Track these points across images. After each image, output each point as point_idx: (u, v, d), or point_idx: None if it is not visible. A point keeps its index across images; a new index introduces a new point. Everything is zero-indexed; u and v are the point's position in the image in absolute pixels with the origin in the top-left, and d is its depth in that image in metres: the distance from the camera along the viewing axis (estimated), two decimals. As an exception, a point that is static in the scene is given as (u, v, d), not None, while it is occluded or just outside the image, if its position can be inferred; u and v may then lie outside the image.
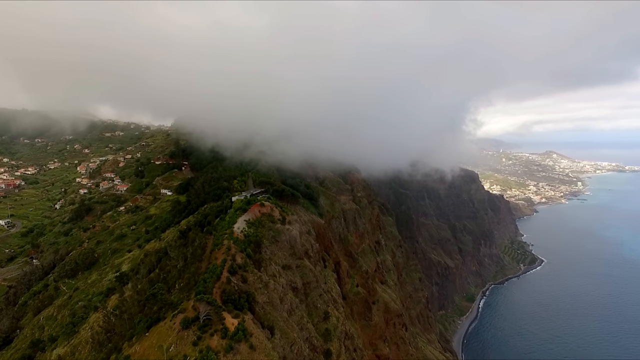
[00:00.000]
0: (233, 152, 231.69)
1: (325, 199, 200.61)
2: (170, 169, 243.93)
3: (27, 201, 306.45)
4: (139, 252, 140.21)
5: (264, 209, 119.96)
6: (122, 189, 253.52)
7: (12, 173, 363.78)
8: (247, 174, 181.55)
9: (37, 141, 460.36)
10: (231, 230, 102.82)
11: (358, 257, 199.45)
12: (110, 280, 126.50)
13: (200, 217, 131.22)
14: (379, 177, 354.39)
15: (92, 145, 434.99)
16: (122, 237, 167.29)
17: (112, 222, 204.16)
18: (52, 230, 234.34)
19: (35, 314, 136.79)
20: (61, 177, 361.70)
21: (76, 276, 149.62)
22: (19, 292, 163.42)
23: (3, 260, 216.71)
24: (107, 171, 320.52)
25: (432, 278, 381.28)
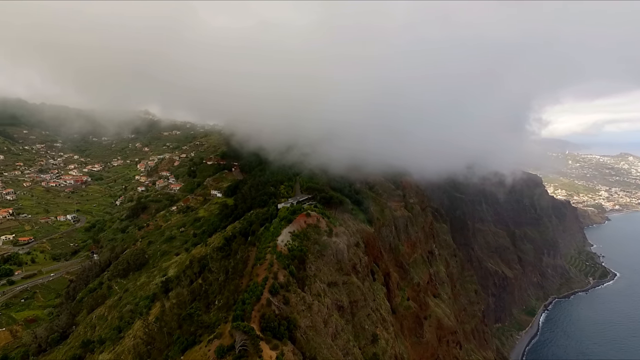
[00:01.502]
0: (277, 154, 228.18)
1: (375, 206, 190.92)
2: (221, 170, 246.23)
3: (91, 197, 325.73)
4: (186, 256, 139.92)
5: (310, 220, 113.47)
6: (176, 189, 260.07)
7: (81, 169, 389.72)
8: (294, 179, 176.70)
9: (104, 139, 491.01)
10: (275, 243, 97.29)
11: (409, 268, 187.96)
12: (157, 284, 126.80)
13: (246, 225, 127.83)
14: (432, 180, 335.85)
15: (151, 143, 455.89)
16: (172, 239, 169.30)
17: (164, 221, 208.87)
18: (111, 227, 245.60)
19: (89, 311, 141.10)
20: (123, 174, 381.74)
21: (127, 276, 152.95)
22: (77, 287, 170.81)
23: (68, 253, 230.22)
24: (163, 169, 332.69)
25: (489, 288, 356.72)
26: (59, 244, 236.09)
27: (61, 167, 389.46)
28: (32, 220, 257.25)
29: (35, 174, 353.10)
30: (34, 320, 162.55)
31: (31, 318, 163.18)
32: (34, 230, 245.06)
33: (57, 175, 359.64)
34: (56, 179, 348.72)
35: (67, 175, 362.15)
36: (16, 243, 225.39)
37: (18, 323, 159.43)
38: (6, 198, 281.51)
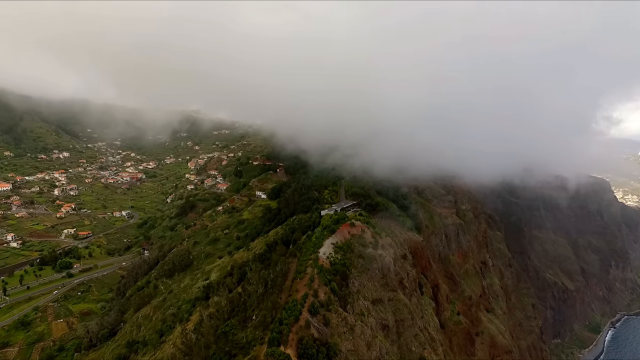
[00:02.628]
0: (319, 156, 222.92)
1: (423, 212, 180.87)
2: (266, 171, 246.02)
3: (145, 194, 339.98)
4: (228, 260, 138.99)
5: (354, 230, 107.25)
6: (222, 188, 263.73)
7: (137, 167, 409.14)
8: (339, 183, 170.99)
9: (158, 137, 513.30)
10: (316, 256, 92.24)
11: (460, 279, 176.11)
12: (199, 288, 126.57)
13: (288, 231, 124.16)
14: (485, 183, 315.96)
15: (201, 142, 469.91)
16: (216, 240, 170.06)
17: (210, 221, 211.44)
18: (161, 224, 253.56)
19: (136, 310, 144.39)
20: (174, 171, 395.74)
21: (172, 277, 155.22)
22: (127, 284, 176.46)
23: (121, 248, 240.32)
24: (211, 168, 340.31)
25: (546, 301, 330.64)
26: (114, 239, 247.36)
27: (119, 164, 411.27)
28: (91, 215, 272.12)
29: (96, 170, 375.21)
30: (88, 313, 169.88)
31: (86, 311, 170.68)
32: (92, 225, 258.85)
33: (115, 172, 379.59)
34: (114, 175, 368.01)
35: (124, 172, 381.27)
36: (76, 237, 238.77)
37: (74, 315, 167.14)
38: (70, 193, 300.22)
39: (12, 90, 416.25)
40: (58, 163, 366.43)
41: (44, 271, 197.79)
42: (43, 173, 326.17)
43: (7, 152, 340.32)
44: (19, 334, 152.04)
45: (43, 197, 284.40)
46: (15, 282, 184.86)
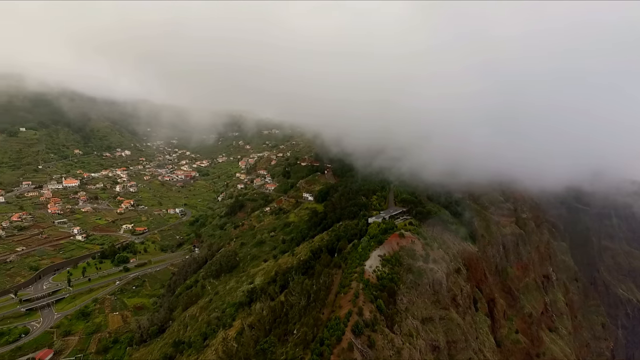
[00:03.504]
0: (366, 159, 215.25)
1: (479, 220, 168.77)
2: (314, 172, 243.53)
3: (198, 192, 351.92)
4: (273, 264, 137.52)
5: (403, 242, 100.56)
6: (270, 188, 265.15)
7: (191, 165, 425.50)
8: (387, 188, 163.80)
9: (212, 136, 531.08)
10: (362, 269, 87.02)
11: (519, 294, 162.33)
12: (243, 292, 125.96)
13: (333, 238, 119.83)
14: (548, 188, 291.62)
15: (252, 141, 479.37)
16: (261, 243, 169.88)
17: (257, 222, 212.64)
18: (211, 223, 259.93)
19: (184, 309, 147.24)
20: (226, 170, 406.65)
21: (219, 277, 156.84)
22: (177, 281, 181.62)
23: (174, 245, 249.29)
24: (261, 168, 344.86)
25: (619, 320, 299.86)
26: (167, 236, 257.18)
27: (175, 163, 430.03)
28: (147, 211, 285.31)
29: (153, 168, 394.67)
30: (141, 307, 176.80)
31: (139, 305, 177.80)
32: (148, 221, 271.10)
33: (171, 170, 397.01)
34: (170, 173, 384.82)
35: (179, 170, 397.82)
36: (133, 232, 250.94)
37: (129, 309, 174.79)
38: (129, 190, 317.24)
39: (82, 92, 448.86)
40: (120, 161, 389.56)
41: (104, 264, 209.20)
42: (107, 170, 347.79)
43: (77, 150, 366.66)
44: (80, 324, 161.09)
45: (106, 193, 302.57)
46: (78, 273, 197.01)
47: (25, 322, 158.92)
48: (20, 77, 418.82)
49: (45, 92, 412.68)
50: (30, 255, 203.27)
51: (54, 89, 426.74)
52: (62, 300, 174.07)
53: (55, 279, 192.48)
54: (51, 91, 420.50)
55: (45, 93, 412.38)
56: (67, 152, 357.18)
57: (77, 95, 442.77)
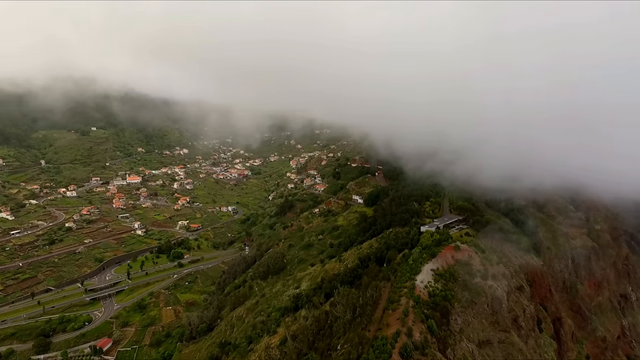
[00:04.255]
0: (415, 161, 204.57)
1: (545, 231, 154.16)
2: (364, 174, 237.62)
3: (250, 190, 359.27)
4: (319, 269, 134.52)
5: (459, 255, 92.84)
6: (320, 189, 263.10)
7: (244, 164, 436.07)
8: (442, 194, 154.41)
9: (265, 135, 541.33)
10: (412, 284, 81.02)
11: (591, 315, 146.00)
12: (289, 296, 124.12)
13: (382, 246, 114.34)
14: (628, 195, 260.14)
15: (303, 141, 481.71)
16: (309, 246, 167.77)
17: (306, 223, 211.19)
18: (261, 222, 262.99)
19: (232, 308, 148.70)
20: (277, 169, 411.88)
21: (266, 279, 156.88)
22: (227, 280, 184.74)
23: (225, 243, 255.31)
24: (311, 168, 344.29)
25: None
26: (220, 234, 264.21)
27: (229, 161, 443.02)
28: (202, 209, 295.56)
29: (209, 166, 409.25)
30: (192, 303, 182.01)
31: (191, 301, 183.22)
32: (202, 218, 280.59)
33: (225, 169, 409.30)
34: (224, 171, 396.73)
35: (233, 168, 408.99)
36: (188, 229, 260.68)
37: (181, 304, 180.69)
38: (186, 187, 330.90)
39: (145, 93, 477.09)
40: (179, 159, 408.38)
41: (160, 259, 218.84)
42: (166, 168, 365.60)
43: (140, 149, 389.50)
44: (136, 316, 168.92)
45: (165, 189, 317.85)
46: (137, 266, 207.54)
47: (89, 310, 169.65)
48: (90, 80, 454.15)
49: (112, 94, 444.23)
50: (96, 248, 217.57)
51: (120, 91, 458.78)
52: (121, 292, 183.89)
53: (117, 271, 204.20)
54: (117, 93, 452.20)
55: (112, 95, 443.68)
56: (132, 150, 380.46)
57: (140, 96, 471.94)
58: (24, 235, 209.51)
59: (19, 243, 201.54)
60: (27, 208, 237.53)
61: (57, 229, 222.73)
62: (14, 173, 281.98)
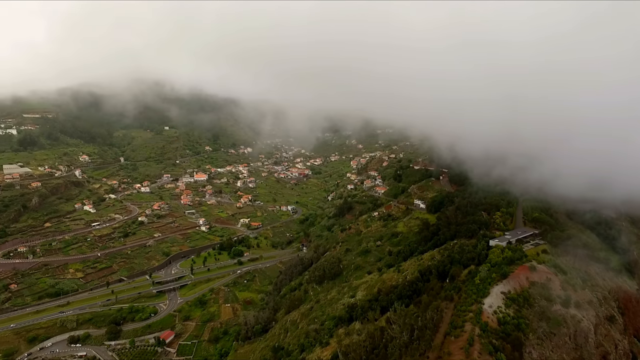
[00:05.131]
0: (483, 166, 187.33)
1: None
2: (428, 177, 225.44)
3: (309, 190, 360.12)
4: (377, 279, 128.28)
5: (535, 276, 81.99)
6: (380, 192, 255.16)
7: (305, 163, 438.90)
8: (514, 204, 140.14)
9: (327, 135, 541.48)
10: (479, 307, 72.46)
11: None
12: (344, 305, 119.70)
13: (445, 259, 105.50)
14: None
15: (365, 141, 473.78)
16: (367, 252, 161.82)
17: (364, 227, 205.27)
18: (320, 223, 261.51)
19: (287, 311, 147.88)
20: (337, 169, 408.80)
21: (322, 284, 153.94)
22: (283, 281, 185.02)
23: (284, 242, 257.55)
24: (372, 169, 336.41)
25: None
26: (279, 233, 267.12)
27: (290, 160, 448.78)
28: (262, 207, 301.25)
29: (271, 165, 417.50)
30: (250, 302, 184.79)
31: (248, 300, 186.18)
32: (263, 216, 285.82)
33: (287, 168, 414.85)
34: (285, 170, 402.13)
35: (293, 167, 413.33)
36: (249, 227, 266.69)
37: (239, 302, 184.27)
38: (249, 186, 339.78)
39: (213, 94, 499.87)
40: (243, 157, 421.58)
41: (222, 256, 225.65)
42: (231, 166, 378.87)
43: (207, 147, 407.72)
44: (197, 311, 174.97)
45: (229, 187, 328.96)
46: (200, 262, 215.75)
47: (155, 302, 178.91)
48: (162, 83, 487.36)
49: (182, 95, 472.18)
50: (164, 242, 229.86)
51: (189, 92, 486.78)
52: (185, 287, 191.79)
53: (182, 265, 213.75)
54: (187, 94, 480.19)
55: (182, 96, 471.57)
56: (200, 148, 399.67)
57: (208, 97, 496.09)
58: (103, 227, 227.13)
59: (99, 234, 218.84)
60: (107, 202, 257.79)
61: (131, 222, 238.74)
62: (98, 169, 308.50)
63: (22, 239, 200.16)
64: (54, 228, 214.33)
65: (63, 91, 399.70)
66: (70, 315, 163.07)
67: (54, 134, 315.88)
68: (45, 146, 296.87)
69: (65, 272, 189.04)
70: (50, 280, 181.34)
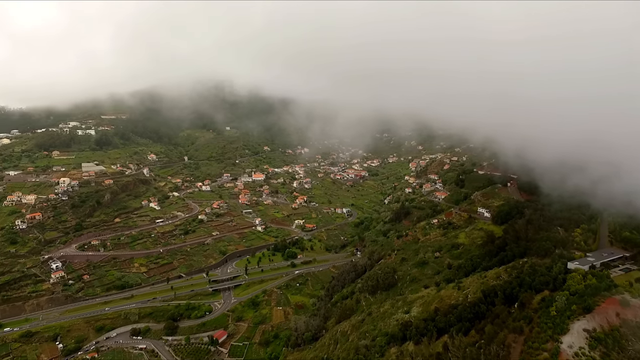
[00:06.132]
0: (555, 174, 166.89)
1: None
2: (493, 183, 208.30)
3: (365, 192, 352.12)
4: (434, 295, 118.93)
5: (629, 313, 69.19)
6: (440, 197, 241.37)
7: (362, 164, 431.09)
8: (597, 220, 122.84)
9: (384, 136, 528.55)
10: (556, 347, 62.26)
11: None
12: (397, 321, 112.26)
13: (513, 281, 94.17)
14: None
15: (425, 142, 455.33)
16: (424, 264, 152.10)
17: (422, 234, 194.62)
18: (375, 227, 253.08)
19: (337, 321, 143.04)
20: (395, 171, 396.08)
21: (375, 294, 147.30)
22: (335, 287, 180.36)
23: (338, 246, 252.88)
24: (432, 172, 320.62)
25: None
26: (333, 236, 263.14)
27: (347, 161, 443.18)
28: (317, 209, 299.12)
29: (327, 166, 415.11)
30: (302, 306, 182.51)
31: (300, 304, 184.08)
32: (317, 218, 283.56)
33: (343, 169, 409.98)
34: (341, 172, 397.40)
35: (350, 169, 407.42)
36: (303, 228, 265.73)
37: (290, 305, 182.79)
38: (304, 186, 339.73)
39: (271, 95, 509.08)
40: (300, 158, 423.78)
41: (276, 257, 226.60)
42: (287, 166, 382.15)
43: (266, 147, 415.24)
44: (250, 312, 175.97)
45: (285, 187, 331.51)
46: (254, 262, 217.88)
47: (210, 301, 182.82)
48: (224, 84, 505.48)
49: (242, 97, 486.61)
50: (221, 240, 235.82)
51: (248, 94, 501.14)
52: (239, 287, 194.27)
53: (237, 265, 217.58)
54: (246, 96, 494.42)
55: (242, 97, 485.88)
56: (258, 148, 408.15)
57: (266, 98, 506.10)
58: (166, 224, 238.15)
59: (162, 231, 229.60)
60: (170, 200, 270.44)
61: (192, 220, 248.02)
62: (164, 167, 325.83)
63: (95, 232, 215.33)
64: (123, 223, 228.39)
65: (135, 94, 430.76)
66: (133, 308, 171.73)
67: (126, 134, 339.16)
68: (118, 145, 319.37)
69: (130, 266, 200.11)
70: (118, 273, 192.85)
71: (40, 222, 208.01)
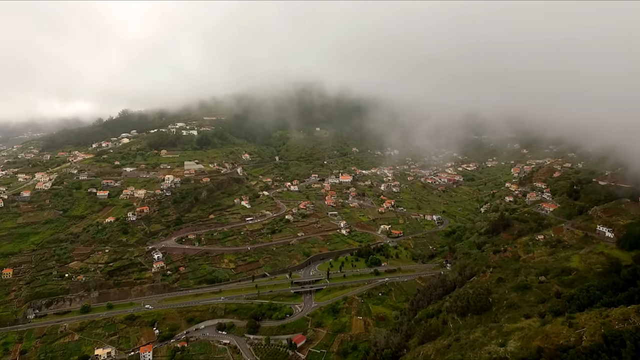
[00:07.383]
0: None
1: None
2: (618, 197, 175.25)
3: (459, 198, 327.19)
4: (536, 329, 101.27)
5: None
6: (548, 209, 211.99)
7: (456, 168, 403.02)
8: None
9: (484, 137, 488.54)
10: None
11: None
12: (490, 354, 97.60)
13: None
14: None
15: (531, 145, 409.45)
16: (525, 288, 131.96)
17: (524, 251, 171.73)
18: (469, 238, 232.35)
19: (420, 341, 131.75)
20: (494, 177, 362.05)
21: (465, 317, 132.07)
22: (420, 302, 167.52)
23: (425, 256, 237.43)
24: (538, 179, 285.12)
25: None
26: (420, 244, 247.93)
27: (440, 164, 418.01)
28: (405, 214, 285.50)
29: (418, 169, 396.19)
30: (383, 318, 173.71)
31: (381, 315, 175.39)
32: (404, 224, 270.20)
33: (435, 172, 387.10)
34: (433, 175, 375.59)
35: (443, 172, 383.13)
36: (389, 234, 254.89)
37: (371, 316, 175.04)
38: (392, 190, 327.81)
39: (361, 96, 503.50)
40: (389, 159, 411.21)
41: (359, 262, 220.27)
42: (376, 168, 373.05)
43: (354, 149, 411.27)
44: (329, 319, 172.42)
45: (372, 190, 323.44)
46: (337, 267, 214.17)
47: (291, 303, 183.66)
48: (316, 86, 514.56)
49: (331, 98, 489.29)
50: (306, 242, 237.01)
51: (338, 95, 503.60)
52: (319, 291, 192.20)
53: (320, 268, 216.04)
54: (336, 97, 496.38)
55: (332, 98, 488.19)
56: (347, 149, 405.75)
57: (355, 99, 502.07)
58: (255, 222, 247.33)
59: (250, 229, 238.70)
60: (260, 198, 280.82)
61: (279, 219, 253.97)
62: (256, 167, 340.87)
63: (192, 227, 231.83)
64: (216, 220, 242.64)
65: (232, 96, 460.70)
66: (220, 303, 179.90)
67: (224, 134, 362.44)
68: (216, 145, 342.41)
69: (221, 261, 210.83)
70: (209, 268, 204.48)
71: (147, 215, 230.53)
